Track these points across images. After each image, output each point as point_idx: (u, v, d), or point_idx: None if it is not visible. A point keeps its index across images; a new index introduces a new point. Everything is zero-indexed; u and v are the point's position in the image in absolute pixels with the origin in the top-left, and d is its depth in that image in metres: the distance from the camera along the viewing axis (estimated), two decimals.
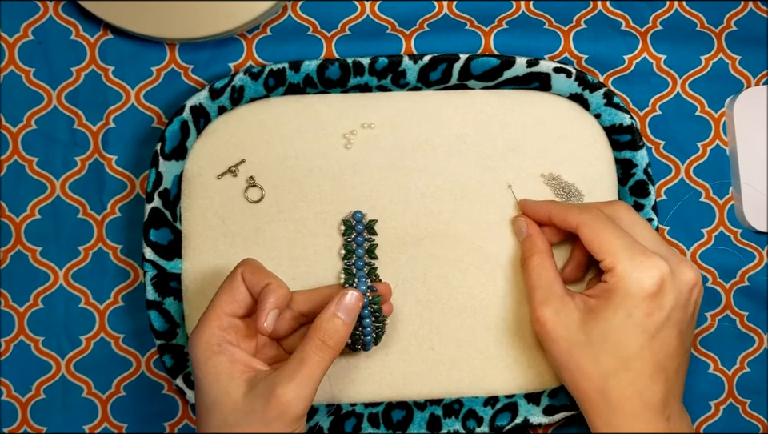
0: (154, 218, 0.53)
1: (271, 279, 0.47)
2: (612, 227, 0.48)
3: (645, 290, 0.45)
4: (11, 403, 0.55)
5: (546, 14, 0.58)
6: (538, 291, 0.49)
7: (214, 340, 0.46)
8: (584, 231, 0.48)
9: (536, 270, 0.50)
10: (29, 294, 0.56)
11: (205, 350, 0.45)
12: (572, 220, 0.49)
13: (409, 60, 0.54)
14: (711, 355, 0.57)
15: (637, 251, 0.46)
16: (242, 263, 0.49)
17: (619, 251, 0.46)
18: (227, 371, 0.45)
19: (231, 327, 0.47)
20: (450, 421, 0.54)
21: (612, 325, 0.46)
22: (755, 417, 0.57)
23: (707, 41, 0.58)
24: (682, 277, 0.47)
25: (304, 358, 0.45)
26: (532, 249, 0.51)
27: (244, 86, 0.54)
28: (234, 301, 0.47)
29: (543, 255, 0.51)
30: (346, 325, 0.46)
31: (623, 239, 0.47)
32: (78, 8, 0.56)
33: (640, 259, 0.46)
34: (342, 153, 0.55)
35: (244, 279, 0.48)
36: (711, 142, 0.58)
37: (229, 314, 0.47)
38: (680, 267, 0.47)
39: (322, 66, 0.54)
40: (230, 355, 0.45)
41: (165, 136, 0.53)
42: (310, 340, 0.45)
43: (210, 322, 0.46)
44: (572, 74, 0.55)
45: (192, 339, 0.46)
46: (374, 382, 0.54)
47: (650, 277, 0.46)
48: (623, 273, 0.46)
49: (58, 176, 0.56)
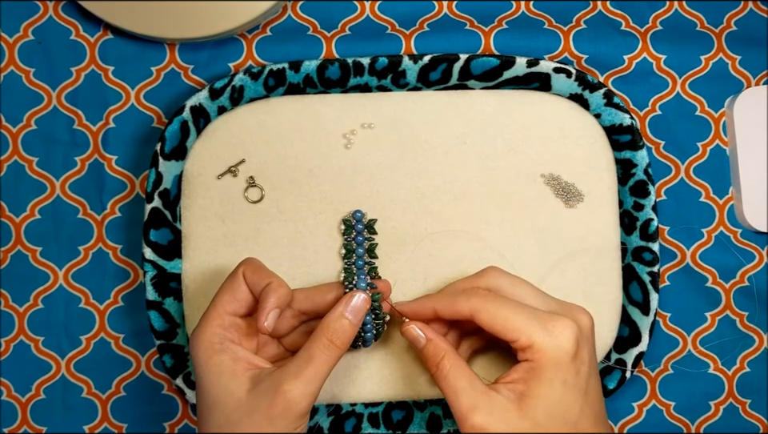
0: (154, 218, 0.53)
1: (272, 278, 0.47)
2: (506, 303, 0.46)
3: (569, 353, 0.44)
4: (11, 404, 0.55)
5: (545, 14, 0.58)
6: (462, 395, 0.45)
7: (216, 339, 0.46)
8: (481, 316, 0.46)
9: (452, 372, 0.46)
10: (29, 294, 0.56)
11: (207, 349, 0.45)
12: (463, 309, 0.47)
13: (409, 60, 0.54)
14: (711, 355, 0.57)
15: (544, 319, 0.45)
16: (244, 262, 0.49)
17: (528, 326, 0.45)
18: (230, 370, 0.45)
19: (233, 325, 0.47)
20: (450, 421, 0.54)
21: (552, 400, 0.44)
22: (755, 417, 0.57)
23: (707, 41, 0.58)
24: (582, 324, 0.46)
25: (311, 356, 0.45)
26: (438, 352, 0.47)
27: (244, 86, 0.54)
28: (235, 300, 0.47)
29: (452, 355, 0.47)
30: (353, 325, 0.47)
31: (522, 311, 0.45)
32: (78, 8, 0.56)
33: (552, 326, 0.45)
34: (341, 153, 0.55)
35: (245, 278, 0.48)
36: (711, 142, 0.58)
37: (230, 313, 0.47)
38: (576, 315, 0.46)
39: (322, 66, 0.54)
40: (232, 354, 0.45)
41: (165, 136, 0.53)
42: (317, 339, 0.45)
43: (212, 321, 0.46)
44: (572, 74, 0.55)
45: (193, 338, 0.46)
46: (374, 382, 0.54)
47: (567, 339, 0.45)
48: (544, 346, 0.44)
49: (57, 176, 0.56)
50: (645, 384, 0.57)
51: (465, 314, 0.47)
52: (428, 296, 0.50)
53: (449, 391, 0.45)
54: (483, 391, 0.45)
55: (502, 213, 0.55)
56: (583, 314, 0.47)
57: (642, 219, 0.55)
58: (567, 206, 0.56)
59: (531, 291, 0.48)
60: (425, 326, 0.49)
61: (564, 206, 0.56)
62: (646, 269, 0.55)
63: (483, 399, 0.44)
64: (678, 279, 0.57)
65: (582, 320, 0.47)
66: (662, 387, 0.57)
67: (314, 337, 0.46)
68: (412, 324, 0.49)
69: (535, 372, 0.44)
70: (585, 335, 0.46)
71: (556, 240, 0.55)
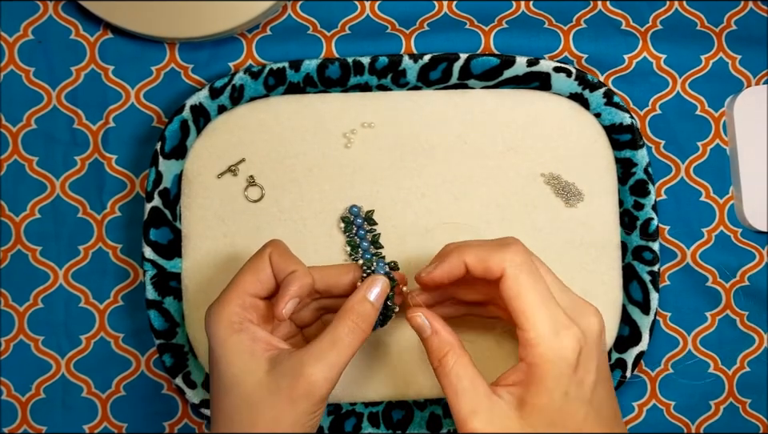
0: (154, 217, 0.53)
1: (298, 266, 0.46)
2: (538, 287, 0.43)
3: (570, 364, 0.42)
4: (11, 403, 0.55)
5: (546, 14, 0.58)
6: (462, 397, 0.43)
7: (236, 319, 0.45)
8: (509, 284, 0.43)
9: (454, 370, 0.43)
10: (29, 293, 0.56)
11: (226, 328, 0.44)
12: (496, 266, 0.43)
13: (409, 59, 0.54)
14: (711, 355, 0.57)
15: (560, 324, 0.42)
16: (270, 244, 0.47)
17: (544, 325, 0.42)
18: (249, 350, 0.44)
19: (252, 306, 0.46)
20: (450, 421, 0.54)
21: (552, 409, 0.42)
22: (755, 417, 0.57)
23: (707, 40, 0.58)
24: (591, 331, 0.44)
25: (336, 340, 0.44)
26: (443, 347, 0.44)
27: (244, 86, 0.54)
28: (257, 282, 0.46)
29: (457, 351, 0.44)
30: (375, 310, 0.46)
31: (547, 307, 0.43)
32: (78, 7, 0.56)
33: (563, 333, 0.42)
34: (342, 152, 0.55)
35: (271, 260, 0.46)
36: (711, 142, 0.58)
37: (251, 294, 0.46)
38: (587, 321, 0.44)
39: (322, 65, 0.54)
40: (251, 334, 0.44)
41: (165, 135, 0.53)
42: (342, 322, 0.44)
43: (232, 300, 0.45)
44: (572, 73, 0.55)
45: (212, 315, 0.45)
46: (374, 382, 0.54)
47: (570, 350, 0.42)
48: (547, 352, 0.42)
49: (57, 176, 0.56)
50: (645, 384, 0.57)
51: (496, 272, 0.43)
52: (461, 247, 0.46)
53: (449, 391, 0.44)
54: (485, 395, 0.43)
55: (502, 212, 0.55)
56: (594, 316, 0.44)
57: (642, 218, 0.55)
58: (567, 206, 0.56)
59: (551, 277, 0.45)
60: (432, 315, 0.46)
61: (564, 205, 0.56)
62: (646, 268, 0.55)
63: (484, 404, 0.43)
64: (678, 278, 0.57)
65: (591, 325, 0.44)
66: (662, 386, 0.57)
67: (339, 320, 0.45)
68: (418, 311, 0.46)
69: (535, 379, 0.42)
70: (591, 342, 0.43)
71: (556, 240, 0.55)
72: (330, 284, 0.49)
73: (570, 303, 0.44)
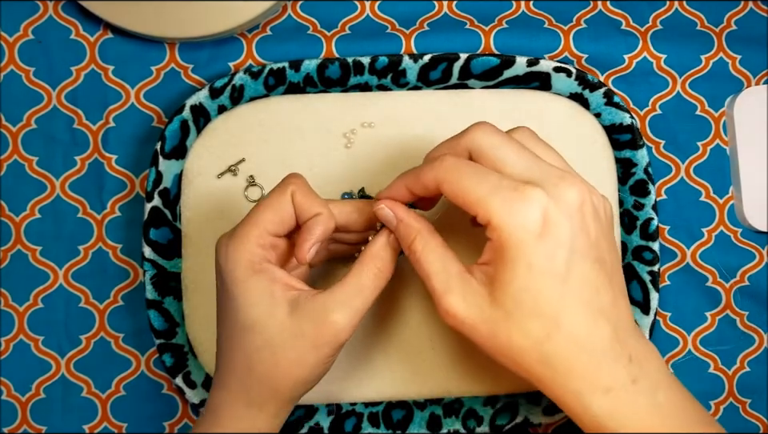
0: (154, 217, 0.53)
1: (323, 208, 0.44)
2: (470, 170, 0.40)
3: (532, 230, 0.39)
4: (11, 403, 0.55)
5: (546, 14, 0.58)
6: (434, 278, 0.42)
7: (256, 259, 0.43)
8: (444, 188, 0.41)
9: (423, 254, 0.42)
10: (29, 293, 0.56)
11: (246, 268, 0.43)
12: (429, 181, 0.42)
13: (409, 59, 0.54)
14: (711, 355, 0.57)
15: (505, 189, 0.39)
16: (292, 180, 0.45)
17: (487, 198, 0.39)
18: (269, 291, 0.43)
19: (272, 245, 0.44)
20: (450, 421, 0.54)
21: (518, 286, 0.39)
22: (755, 417, 0.57)
23: (707, 40, 0.58)
24: (564, 199, 0.39)
25: (362, 286, 0.43)
26: (410, 233, 0.43)
27: (244, 85, 0.54)
28: (279, 221, 0.44)
29: (425, 235, 0.43)
30: (396, 253, 0.45)
31: (485, 180, 0.40)
32: (78, 7, 0.56)
33: (513, 197, 0.39)
34: (342, 152, 0.55)
35: (294, 199, 0.44)
36: (711, 142, 0.58)
37: (271, 232, 0.44)
38: (559, 189, 0.39)
39: (322, 65, 0.54)
40: (270, 275, 0.43)
41: (165, 135, 0.53)
42: (366, 268, 0.44)
43: (251, 239, 0.43)
44: (572, 73, 0.55)
45: (229, 254, 0.43)
46: (374, 382, 0.54)
47: (531, 213, 0.39)
48: (500, 222, 0.39)
49: (57, 175, 0.56)
50: None
51: (432, 186, 0.42)
52: (401, 174, 0.45)
53: (422, 275, 0.42)
54: (457, 274, 0.41)
55: None
56: (570, 186, 0.40)
57: (642, 218, 0.55)
58: None
59: (515, 155, 0.41)
60: (395, 204, 0.44)
61: None
62: (646, 268, 0.55)
63: (457, 282, 0.41)
64: (679, 278, 0.57)
65: (564, 194, 0.39)
66: None
67: (363, 266, 0.44)
68: (381, 203, 0.45)
69: (498, 253, 0.39)
70: (565, 211, 0.39)
71: None
72: (349, 221, 0.47)
73: (541, 173, 0.40)
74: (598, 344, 0.40)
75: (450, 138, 0.44)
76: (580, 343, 0.39)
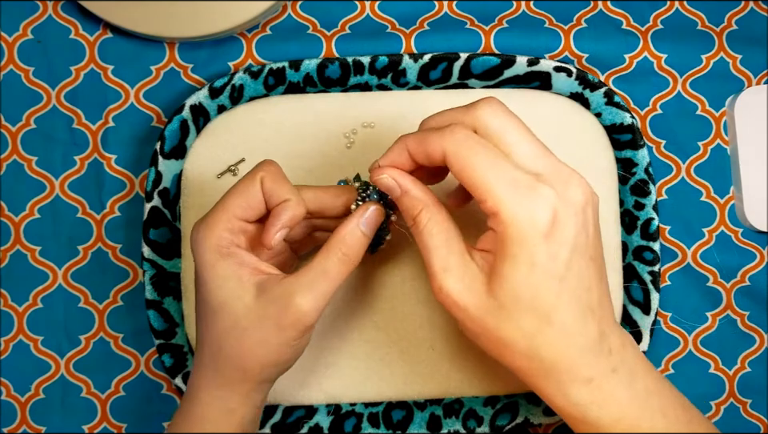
0: (154, 217, 0.53)
1: (291, 194, 0.44)
2: (483, 151, 0.39)
3: (540, 230, 0.38)
4: (10, 403, 0.55)
5: (546, 13, 0.58)
6: (434, 253, 0.41)
7: (224, 243, 0.44)
8: (451, 162, 0.40)
9: (427, 228, 0.41)
10: (28, 293, 0.56)
11: (213, 252, 0.43)
12: (435, 150, 0.40)
13: (409, 59, 0.54)
14: (712, 355, 0.57)
15: (521, 185, 0.39)
16: (263, 167, 0.45)
17: (499, 189, 0.38)
18: (236, 275, 0.43)
19: (240, 230, 0.45)
20: (450, 421, 0.54)
21: (518, 282, 0.39)
22: (756, 417, 0.57)
23: (708, 40, 0.58)
24: (571, 200, 0.39)
25: (326, 270, 0.43)
26: (416, 205, 0.42)
27: (244, 85, 0.54)
28: (247, 206, 0.44)
29: (431, 208, 0.42)
30: (366, 238, 0.45)
31: (499, 168, 0.39)
32: (78, 7, 0.56)
33: (525, 194, 0.38)
34: (342, 152, 0.55)
35: (263, 185, 0.44)
36: (712, 142, 0.58)
37: (240, 217, 0.44)
38: (567, 188, 0.40)
39: (322, 64, 0.54)
40: (238, 259, 0.44)
41: (164, 135, 0.53)
42: (331, 252, 0.43)
43: (220, 223, 0.44)
44: (572, 73, 0.55)
45: (199, 239, 0.44)
46: (374, 382, 0.54)
47: (541, 212, 0.38)
48: (511, 217, 0.38)
49: (57, 175, 0.56)
50: None
51: (437, 157, 0.41)
52: (403, 137, 0.43)
53: (423, 249, 0.42)
54: (459, 253, 0.41)
55: None
56: (576, 187, 0.40)
57: (642, 218, 0.55)
58: None
59: (525, 142, 0.41)
60: (401, 174, 0.43)
61: None
62: (646, 268, 0.54)
63: (457, 262, 0.41)
64: (679, 278, 0.57)
65: (572, 195, 0.40)
66: None
67: (328, 250, 0.44)
68: (385, 171, 0.43)
69: (500, 246, 0.39)
70: (572, 211, 0.39)
71: None
72: (323, 206, 0.47)
73: (551, 169, 0.40)
74: (585, 340, 0.40)
75: (454, 109, 0.42)
76: (569, 339, 0.40)
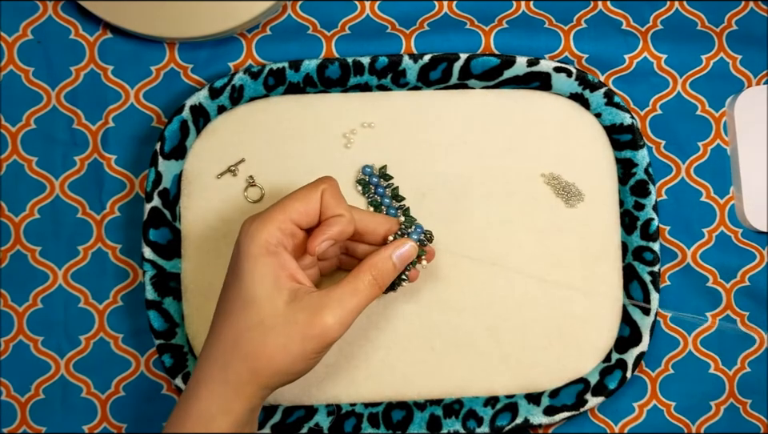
0: (154, 217, 0.53)
1: (346, 212, 0.47)
2: None
3: None
4: (10, 403, 0.55)
5: (546, 14, 0.58)
6: None
7: (273, 240, 0.45)
8: None
9: None
10: (28, 294, 0.56)
11: (261, 246, 0.45)
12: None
13: (409, 59, 0.54)
14: (712, 355, 0.57)
15: None
16: (326, 180, 0.48)
17: None
18: (274, 275, 0.44)
19: (291, 233, 0.46)
20: (450, 421, 0.54)
21: None
22: (756, 417, 0.57)
23: (708, 40, 0.58)
24: None
25: (356, 290, 0.45)
26: None
27: (244, 86, 0.54)
28: (305, 212, 0.46)
29: None
30: (396, 271, 0.47)
31: None
32: (78, 7, 0.56)
33: None
34: (342, 152, 0.55)
35: (323, 196, 0.47)
36: (712, 142, 0.58)
37: (294, 221, 0.46)
38: None
39: (322, 65, 0.54)
40: (281, 260, 0.45)
41: (164, 135, 0.53)
42: (363, 275, 0.46)
43: (275, 222, 0.45)
44: (572, 73, 0.55)
45: (251, 231, 0.45)
46: (374, 382, 0.54)
47: None
48: None
49: (57, 176, 0.56)
50: (645, 384, 0.57)
51: None
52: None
53: None
54: None
55: (503, 212, 0.55)
56: None
57: (642, 218, 0.55)
58: (567, 206, 0.56)
59: None
60: None
61: (564, 205, 0.56)
62: (646, 269, 0.54)
63: None
64: (679, 278, 0.57)
65: None
66: (663, 387, 0.57)
67: (360, 272, 0.46)
68: None
69: None
70: None
71: (556, 240, 0.55)
72: (366, 230, 0.49)
73: None
74: None
75: None
76: None
